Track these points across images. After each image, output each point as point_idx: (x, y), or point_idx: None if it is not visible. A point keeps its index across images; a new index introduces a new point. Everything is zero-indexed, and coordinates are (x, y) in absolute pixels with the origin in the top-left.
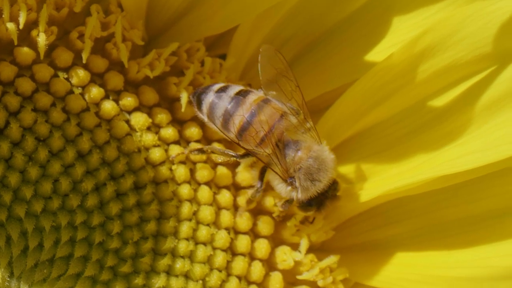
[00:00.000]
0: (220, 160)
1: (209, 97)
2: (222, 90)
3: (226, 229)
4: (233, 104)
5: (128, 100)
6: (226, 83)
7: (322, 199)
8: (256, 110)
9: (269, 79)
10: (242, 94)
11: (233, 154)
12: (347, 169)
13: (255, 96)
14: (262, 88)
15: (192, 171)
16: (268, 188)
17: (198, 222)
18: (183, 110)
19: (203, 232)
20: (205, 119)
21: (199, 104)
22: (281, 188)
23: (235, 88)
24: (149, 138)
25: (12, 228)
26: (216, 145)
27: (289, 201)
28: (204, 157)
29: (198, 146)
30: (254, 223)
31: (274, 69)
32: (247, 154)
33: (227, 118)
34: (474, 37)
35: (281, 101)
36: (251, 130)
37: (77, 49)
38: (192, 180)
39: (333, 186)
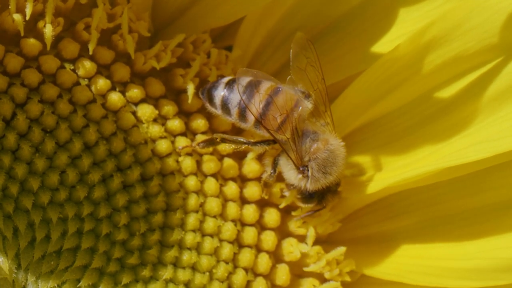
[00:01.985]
0: (228, 148)
1: (221, 91)
2: (233, 82)
3: (233, 221)
4: (248, 94)
5: (135, 92)
6: (235, 76)
7: (325, 193)
8: (272, 96)
9: (298, 67)
10: (253, 84)
11: (245, 141)
12: (353, 161)
13: (267, 84)
14: (291, 74)
15: (199, 163)
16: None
17: (204, 214)
18: (189, 101)
19: (210, 224)
20: (219, 112)
21: (211, 99)
22: (291, 175)
23: (245, 79)
24: (155, 129)
25: (19, 220)
26: None
27: (293, 186)
28: (210, 148)
29: (207, 137)
30: (260, 215)
31: (305, 58)
32: (260, 142)
33: (243, 108)
34: (480, 28)
35: (293, 88)
36: (270, 115)
37: (83, 40)
38: (198, 172)
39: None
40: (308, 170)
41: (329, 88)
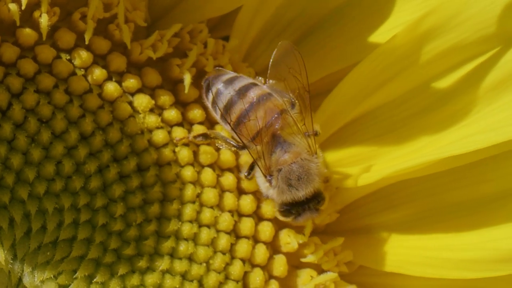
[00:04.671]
0: (221, 148)
1: (216, 86)
2: (230, 81)
3: (230, 211)
4: (235, 97)
5: (131, 82)
6: (238, 74)
7: (302, 210)
8: (255, 105)
9: (278, 77)
10: (246, 88)
11: (234, 144)
12: (350, 152)
13: (258, 90)
14: (267, 83)
15: (195, 153)
16: None
17: (201, 205)
18: (186, 91)
19: (207, 215)
20: (209, 106)
21: (207, 91)
22: (260, 182)
23: (243, 81)
24: (152, 120)
25: (15, 210)
26: (219, 128)
27: (265, 195)
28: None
29: (203, 131)
30: (257, 205)
31: (286, 67)
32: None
33: (227, 109)
34: (477, 18)
35: (283, 96)
36: (246, 124)
37: (79, 30)
38: (195, 162)
39: (317, 199)
40: (273, 181)
41: (325, 79)
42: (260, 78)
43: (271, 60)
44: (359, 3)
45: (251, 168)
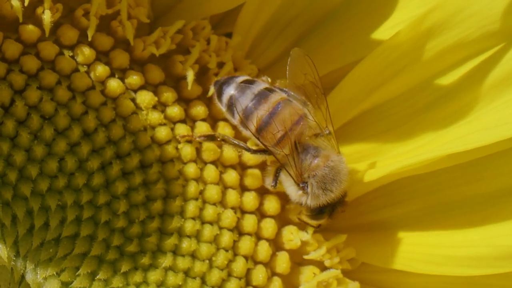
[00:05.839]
0: (226, 150)
1: (231, 90)
2: (246, 84)
3: (233, 208)
4: (255, 102)
5: (134, 78)
6: (251, 77)
7: (334, 206)
8: (276, 110)
9: (296, 84)
10: (265, 92)
11: (245, 147)
12: (353, 149)
13: (277, 96)
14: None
15: (198, 150)
16: None
17: (204, 201)
18: (189, 88)
19: (210, 212)
20: (223, 109)
21: (220, 95)
22: (292, 191)
23: (260, 85)
24: (155, 116)
25: (18, 207)
26: (222, 124)
27: (297, 202)
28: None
29: (209, 132)
30: (260, 202)
31: (302, 74)
32: (260, 150)
33: (246, 115)
34: (481, 15)
35: (302, 102)
36: (269, 129)
37: (82, 27)
38: (198, 159)
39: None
40: (308, 187)
41: (329, 75)
42: (266, 77)
43: (287, 69)
44: (361, 0)
45: (276, 177)
